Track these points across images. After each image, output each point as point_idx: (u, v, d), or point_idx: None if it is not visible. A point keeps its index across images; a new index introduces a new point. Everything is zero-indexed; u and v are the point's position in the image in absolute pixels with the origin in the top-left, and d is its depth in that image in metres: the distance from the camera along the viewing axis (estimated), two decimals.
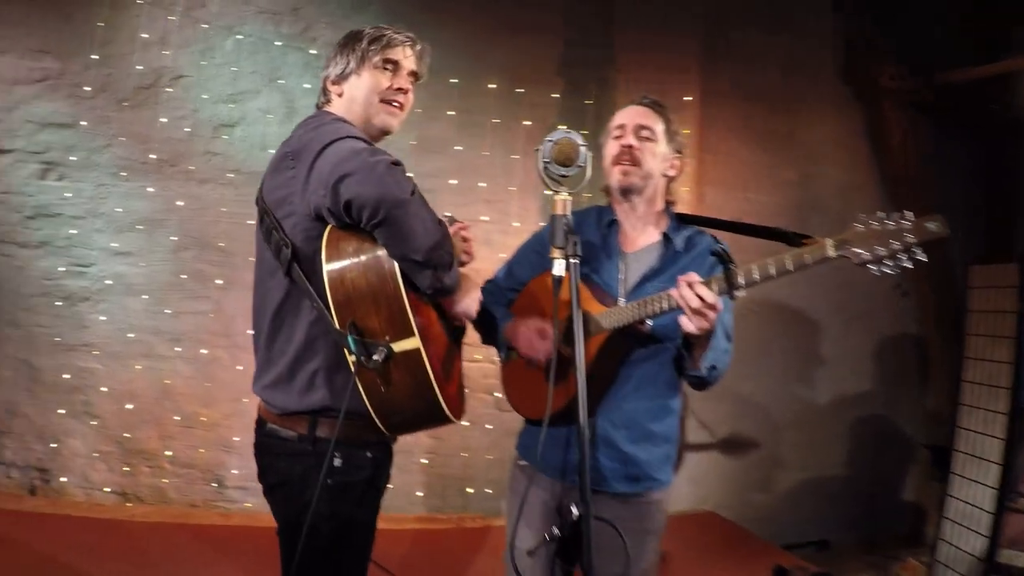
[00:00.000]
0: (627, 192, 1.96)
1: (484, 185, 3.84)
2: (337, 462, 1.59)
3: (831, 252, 1.56)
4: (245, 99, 3.89)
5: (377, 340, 1.51)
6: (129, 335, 3.84)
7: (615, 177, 1.97)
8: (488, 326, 2.06)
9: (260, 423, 1.73)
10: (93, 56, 3.82)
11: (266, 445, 1.71)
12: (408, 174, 1.54)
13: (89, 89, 3.83)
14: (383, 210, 1.47)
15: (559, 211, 1.55)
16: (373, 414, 1.56)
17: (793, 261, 1.58)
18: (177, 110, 3.85)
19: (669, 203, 2.06)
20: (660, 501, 1.99)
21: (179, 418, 3.85)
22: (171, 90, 3.86)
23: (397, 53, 1.81)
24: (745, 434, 4.28)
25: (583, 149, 1.58)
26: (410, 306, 1.54)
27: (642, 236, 2.00)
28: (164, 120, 3.85)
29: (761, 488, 4.37)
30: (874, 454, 4.50)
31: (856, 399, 4.49)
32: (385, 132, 1.82)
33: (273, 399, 1.67)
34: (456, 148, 3.81)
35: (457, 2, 3.88)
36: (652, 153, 1.94)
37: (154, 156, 3.84)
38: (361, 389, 1.54)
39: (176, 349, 3.86)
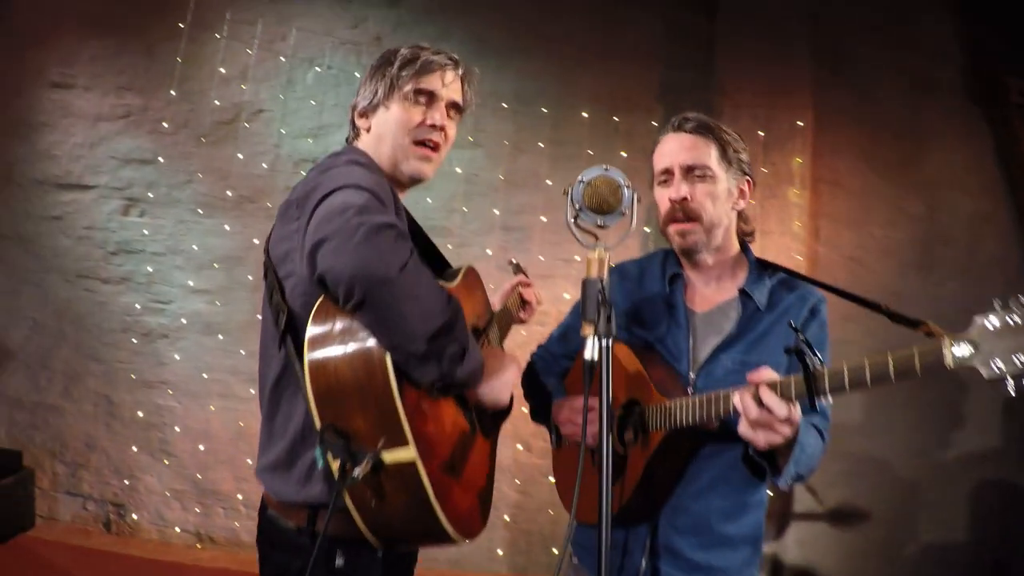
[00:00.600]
0: (690, 253, 1.62)
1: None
2: (340, 562, 1.33)
3: (949, 361, 1.13)
4: (327, 133, 3.81)
5: (364, 446, 1.23)
6: (205, 375, 3.81)
7: (673, 239, 1.63)
8: (538, 401, 1.79)
9: (262, 507, 1.49)
10: (172, 92, 3.83)
11: (266, 533, 1.47)
12: (407, 242, 1.25)
13: (169, 125, 3.84)
14: (359, 289, 1.19)
15: (593, 273, 1.25)
16: (363, 529, 1.28)
17: (896, 367, 1.17)
18: (257, 145, 3.81)
19: (745, 239, 1.69)
20: None
21: (252, 461, 3.77)
22: (251, 125, 3.82)
23: (433, 81, 1.52)
24: (860, 496, 3.88)
25: (627, 191, 1.27)
26: (407, 405, 1.24)
27: (715, 291, 1.65)
28: (243, 156, 3.81)
29: (878, 555, 3.97)
30: (1004, 519, 4.02)
31: (984, 458, 4.03)
32: (416, 180, 1.55)
33: (272, 485, 1.41)
34: (547, 182, 3.61)
35: (546, 26, 3.70)
36: (712, 196, 1.57)
37: (232, 193, 3.81)
38: (348, 500, 1.26)
39: (251, 391, 3.79)
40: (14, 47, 4.03)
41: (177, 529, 3.80)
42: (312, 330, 1.27)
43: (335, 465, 1.22)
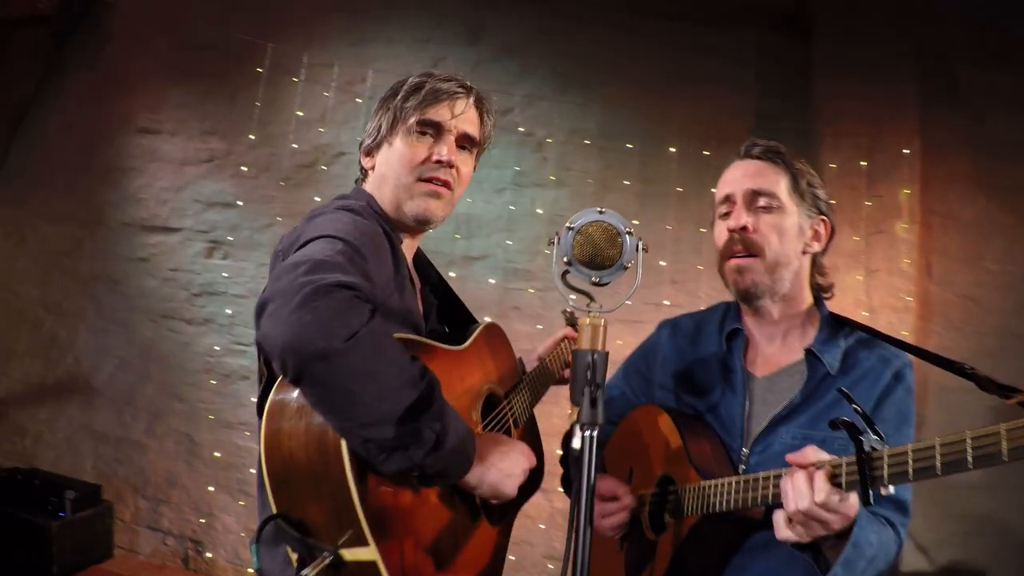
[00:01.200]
0: (749, 297, 1.41)
1: (666, 263, 3.47)
2: None
3: (1005, 456, 0.89)
4: None
5: (321, 541, 1.08)
6: None
7: (729, 277, 1.42)
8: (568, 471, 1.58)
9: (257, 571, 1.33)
10: (251, 136, 3.91)
11: None
12: (369, 306, 1.05)
13: (250, 169, 3.95)
14: (291, 364, 1.01)
15: (585, 344, 1.04)
16: None
17: (976, 451, 0.92)
18: (338, 188, 3.82)
19: (820, 293, 1.47)
20: None
21: None
22: (330, 168, 3.88)
23: (440, 111, 1.36)
24: (976, 558, 3.57)
25: (628, 239, 1.08)
26: (369, 497, 1.07)
27: (780, 351, 1.43)
28: (323, 199, 3.83)
29: None
30: None
31: None
32: (423, 222, 1.38)
33: (262, 557, 1.24)
34: (635, 222, 3.47)
35: (630, 59, 3.62)
36: (778, 230, 1.37)
37: None
38: None
39: None
40: (104, 95, 4.22)
41: (250, 569, 3.83)
42: (272, 400, 1.12)
43: (294, 558, 1.09)
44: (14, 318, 4.19)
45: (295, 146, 3.89)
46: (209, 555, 3.88)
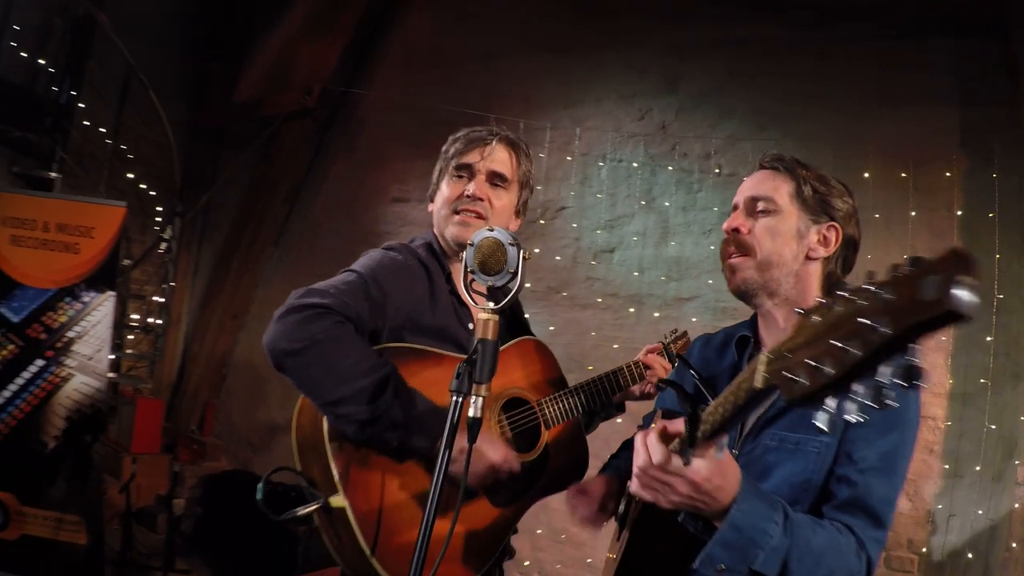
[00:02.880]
0: (743, 295, 1.47)
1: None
2: None
3: (759, 383, 0.91)
4: (621, 224, 4.26)
5: (319, 492, 1.51)
6: None
7: (726, 277, 1.50)
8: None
9: None
10: None
11: None
12: (335, 318, 1.49)
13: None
14: (271, 359, 1.49)
15: (480, 334, 1.26)
16: (338, 561, 1.56)
17: (747, 394, 0.96)
18: (559, 240, 4.36)
19: None
20: None
21: (542, 531, 4.17)
22: (552, 222, 4.41)
23: (472, 155, 1.72)
24: None
25: (511, 249, 1.29)
26: (341, 457, 1.49)
27: None
28: (547, 250, 4.39)
29: None
30: None
31: None
32: (461, 247, 1.60)
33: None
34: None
35: (822, 86, 3.74)
36: (772, 232, 1.43)
37: (539, 284, 4.40)
38: (324, 537, 1.56)
39: None
40: (361, 172, 5.15)
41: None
42: None
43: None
44: None
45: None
46: None
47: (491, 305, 1.29)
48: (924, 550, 3.38)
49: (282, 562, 4.30)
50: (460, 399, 1.23)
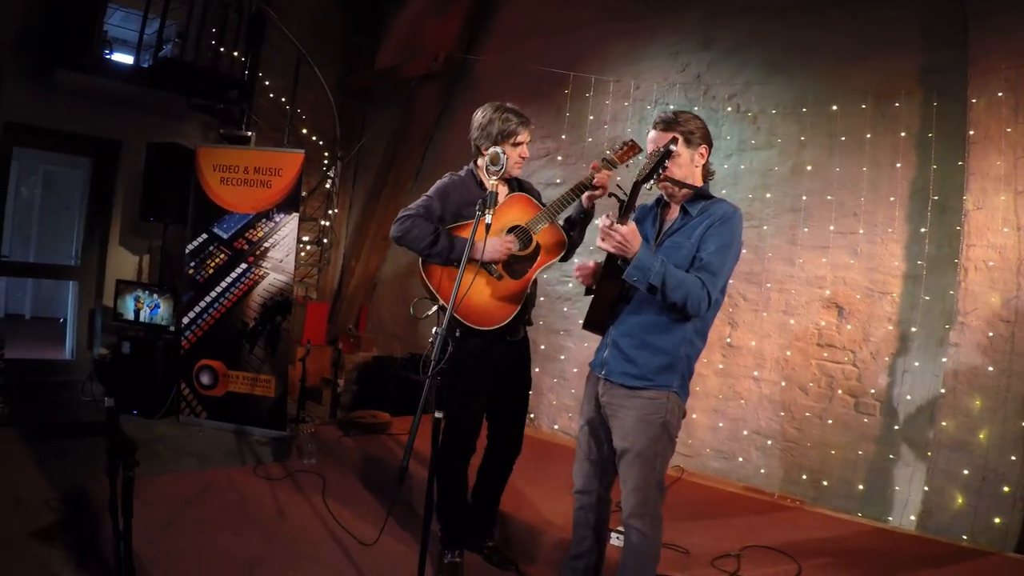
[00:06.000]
0: (671, 196, 2.75)
1: (863, 199, 4.65)
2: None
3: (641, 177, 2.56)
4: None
5: (438, 302, 3.20)
6: None
7: (663, 190, 2.76)
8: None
9: None
10: (563, 136, 6.21)
11: None
12: (414, 218, 3.17)
13: (566, 158, 6.24)
14: (394, 240, 3.21)
15: (493, 190, 2.74)
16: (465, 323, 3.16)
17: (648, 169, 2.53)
18: (622, 169, 5.88)
19: (708, 179, 2.78)
20: (657, 400, 2.57)
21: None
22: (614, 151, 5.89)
23: (524, 135, 3.29)
24: None
25: (502, 155, 2.92)
26: (432, 277, 3.17)
27: (677, 209, 2.76)
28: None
29: None
30: None
31: None
32: (508, 174, 3.33)
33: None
34: (836, 169, 4.77)
35: (817, 40, 4.88)
36: (678, 166, 2.63)
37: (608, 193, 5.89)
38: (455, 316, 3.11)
39: None
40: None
41: (564, 435, 6.03)
42: None
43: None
44: None
45: (590, 139, 6.07)
46: (533, 417, 6.15)
47: (494, 179, 2.93)
48: (884, 398, 4.45)
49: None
50: (480, 213, 2.70)
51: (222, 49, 6.80)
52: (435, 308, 3.16)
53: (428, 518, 2.62)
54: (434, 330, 2.54)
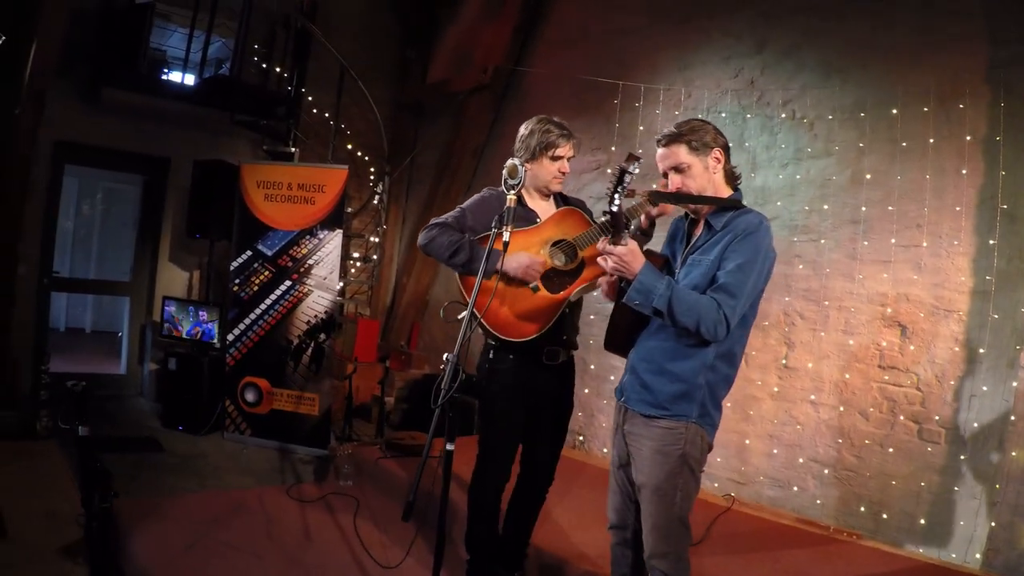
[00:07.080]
0: (693, 210, 2.65)
1: (928, 210, 4.44)
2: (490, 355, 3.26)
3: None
4: None
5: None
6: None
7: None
8: None
9: None
10: (612, 148, 6.13)
11: None
12: (441, 227, 3.19)
13: (615, 171, 6.10)
14: (421, 250, 3.24)
15: (511, 205, 2.66)
16: (495, 335, 3.13)
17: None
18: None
19: (735, 183, 2.66)
20: (675, 430, 2.46)
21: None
22: None
23: (565, 149, 3.26)
24: None
25: (520, 168, 2.65)
26: (467, 285, 3.15)
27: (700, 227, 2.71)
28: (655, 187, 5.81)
29: None
30: None
31: None
32: (554, 192, 3.37)
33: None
34: (897, 178, 4.57)
35: (878, 38, 4.70)
36: (691, 178, 2.53)
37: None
38: (484, 324, 3.11)
39: None
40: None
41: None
42: None
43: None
44: None
45: (641, 151, 5.95)
46: (583, 440, 6.07)
47: (511, 193, 2.70)
48: (950, 424, 4.21)
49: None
50: (496, 229, 2.68)
51: (264, 65, 7.02)
52: (464, 314, 3.15)
53: (440, 548, 2.58)
54: (444, 356, 2.50)
